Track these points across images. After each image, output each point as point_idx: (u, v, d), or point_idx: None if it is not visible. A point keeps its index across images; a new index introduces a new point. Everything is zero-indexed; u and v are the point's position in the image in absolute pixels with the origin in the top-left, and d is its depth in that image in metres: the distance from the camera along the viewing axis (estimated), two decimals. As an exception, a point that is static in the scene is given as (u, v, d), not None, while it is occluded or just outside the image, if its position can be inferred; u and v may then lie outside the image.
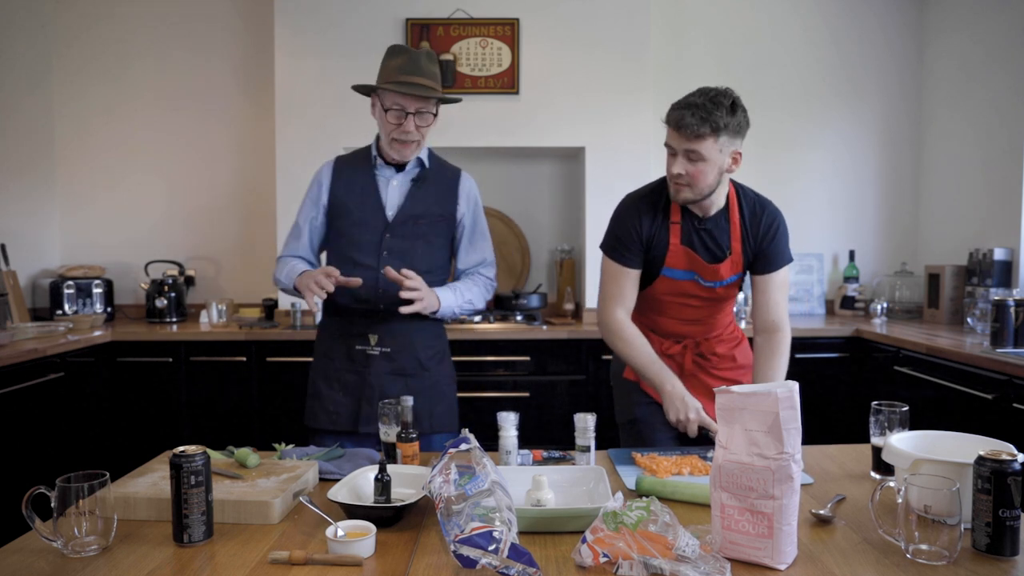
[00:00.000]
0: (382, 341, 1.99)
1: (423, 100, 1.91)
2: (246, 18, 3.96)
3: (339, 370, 2.01)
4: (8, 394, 2.69)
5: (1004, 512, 1.13)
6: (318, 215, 2.05)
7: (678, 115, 1.72)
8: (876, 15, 4.01)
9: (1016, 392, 2.44)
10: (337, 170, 2.05)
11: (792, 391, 1.14)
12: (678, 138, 1.74)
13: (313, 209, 2.05)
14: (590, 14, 3.62)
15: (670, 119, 1.74)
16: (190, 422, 3.40)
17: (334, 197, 2.03)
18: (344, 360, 2.01)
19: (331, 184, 2.03)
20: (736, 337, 2.07)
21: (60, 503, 1.17)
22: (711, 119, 1.69)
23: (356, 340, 2.00)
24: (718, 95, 1.72)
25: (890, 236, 4.10)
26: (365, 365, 1.99)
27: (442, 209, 2.04)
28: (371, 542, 1.18)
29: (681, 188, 1.78)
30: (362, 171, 2.03)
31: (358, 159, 2.06)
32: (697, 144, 1.71)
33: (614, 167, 3.64)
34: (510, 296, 3.70)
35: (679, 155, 1.75)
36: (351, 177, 2.03)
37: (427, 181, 2.03)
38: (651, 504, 1.13)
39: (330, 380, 2.02)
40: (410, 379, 2.01)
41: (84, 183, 3.99)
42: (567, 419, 1.70)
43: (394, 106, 1.90)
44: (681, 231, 1.87)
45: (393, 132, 1.93)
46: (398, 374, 2.00)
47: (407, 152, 1.96)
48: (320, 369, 2.05)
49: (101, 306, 3.77)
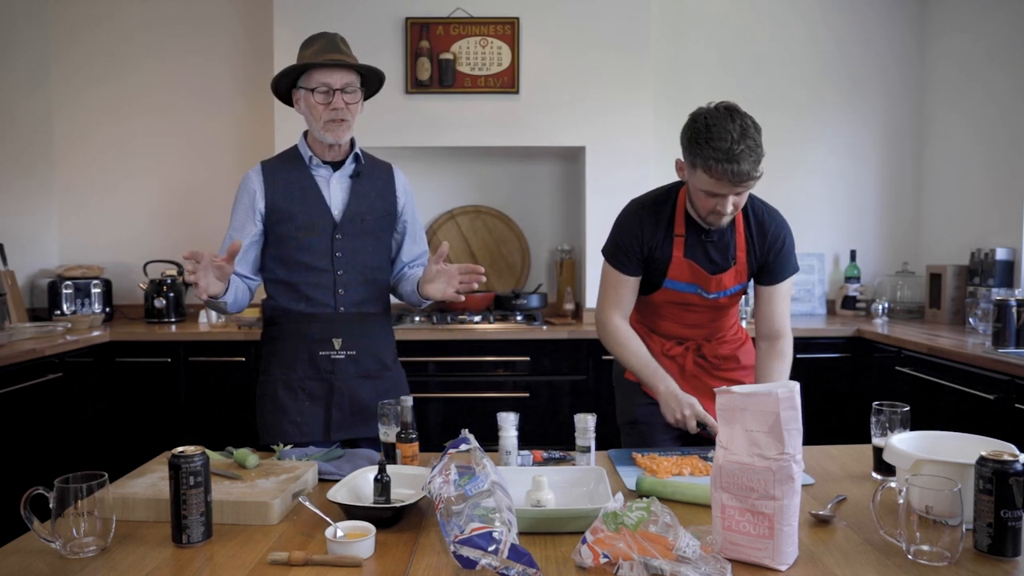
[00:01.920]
0: (346, 344, 1.94)
1: (348, 73, 1.89)
2: (245, 18, 3.96)
3: (302, 379, 1.93)
4: (6, 394, 2.69)
5: (1006, 513, 1.13)
6: (256, 224, 1.93)
7: (735, 168, 1.61)
8: (877, 15, 4.00)
9: (1018, 392, 2.44)
10: (268, 175, 1.95)
11: (793, 391, 1.14)
12: (730, 186, 1.66)
13: (249, 221, 1.93)
14: (590, 13, 3.62)
15: (722, 173, 1.62)
16: (189, 422, 3.40)
17: (272, 203, 1.92)
18: (307, 368, 1.93)
19: (265, 190, 1.93)
20: (739, 338, 2.06)
21: (58, 504, 1.16)
22: (760, 154, 1.64)
23: (318, 346, 1.93)
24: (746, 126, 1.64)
25: (891, 236, 4.09)
26: (331, 371, 1.93)
27: (384, 204, 2.02)
28: (371, 543, 1.18)
29: (725, 217, 1.74)
30: (298, 173, 1.95)
31: (289, 161, 1.98)
32: (750, 184, 1.67)
33: (614, 167, 3.64)
34: (510, 296, 3.69)
35: (726, 197, 1.69)
36: (287, 180, 1.94)
37: (365, 177, 2.00)
38: (651, 505, 1.13)
39: (294, 390, 1.92)
40: (376, 380, 1.98)
41: (83, 183, 3.99)
42: (567, 419, 1.69)
43: (320, 86, 1.88)
44: (685, 244, 1.85)
45: (324, 113, 1.89)
46: (364, 376, 1.96)
47: (341, 132, 1.91)
48: (279, 381, 1.94)
49: (100, 306, 3.76)
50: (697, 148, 1.66)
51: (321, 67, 1.87)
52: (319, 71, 1.88)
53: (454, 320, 3.56)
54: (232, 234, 1.95)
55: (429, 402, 3.32)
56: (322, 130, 1.91)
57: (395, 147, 3.60)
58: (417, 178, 3.94)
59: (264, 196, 1.93)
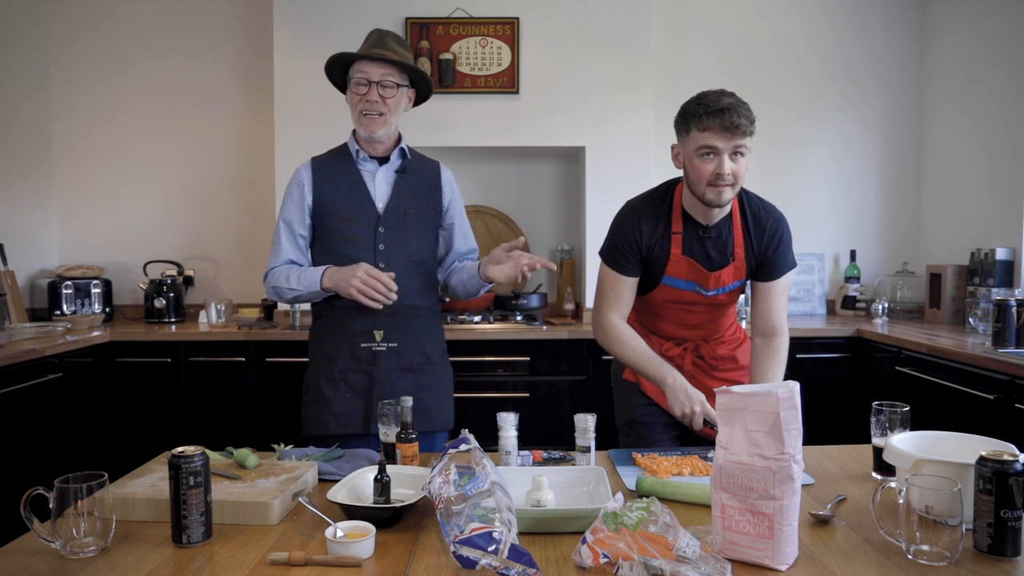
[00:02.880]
0: (388, 336, 1.97)
1: (387, 67, 1.92)
2: (244, 18, 3.96)
3: (344, 371, 1.96)
4: (6, 395, 2.69)
5: (1006, 513, 1.13)
6: (305, 217, 2.01)
7: (725, 117, 1.68)
8: (877, 15, 4.00)
9: (1018, 392, 2.44)
10: (316, 170, 2.01)
11: (793, 391, 1.14)
12: (728, 137, 1.69)
13: (299, 213, 2.00)
14: (590, 13, 3.62)
15: (713, 122, 1.68)
16: (189, 423, 3.40)
17: (319, 196, 1.99)
18: (348, 360, 1.97)
19: (313, 184, 1.99)
20: (738, 338, 2.06)
21: (58, 504, 1.16)
22: (751, 114, 1.71)
23: (360, 338, 1.96)
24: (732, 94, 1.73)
25: (891, 236, 4.09)
26: (372, 363, 1.96)
27: (429, 199, 2.05)
28: (370, 543, 1.18)
29: (725, 189, 1.73)
30: (344, 167, 2.01)
31: (337, 156, 2.04)
32: (747, 140, 1.72)
33: (614, 167, 3.64)
34: (510, 296, 3.69)
35: (725, 155, 1.71)
36: (333, 174, 2.00)
37: (411, 172, 2.04)
38: (651, 505, 1.13)
39: (335, 382, 1.96)
40: (417, 374, 2.00)
41: (83, 183, 3.99)
42: (567, 420, 1.69)
43: (359, 76, 1.92)
44: (683, 241, 1.85)
45: (359, 105, 1.93)
46: (406, 369, 1.99)
47: (375, 127, 1.93)
48: (321, 372, 1.98)
49: (100, 306, 3.77)
50: (688, 112, 1.75)
51: (362, 59, 1.92)
52: (361, 63, 1.93)
53: (454, 320, 3.56)
54: (285, 225, 2.01)
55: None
56: (357, 124, 1.96)
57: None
58: (417, 178, 3.95)
59: (312, 190, 1.99)
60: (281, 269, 1.99)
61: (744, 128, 1.69)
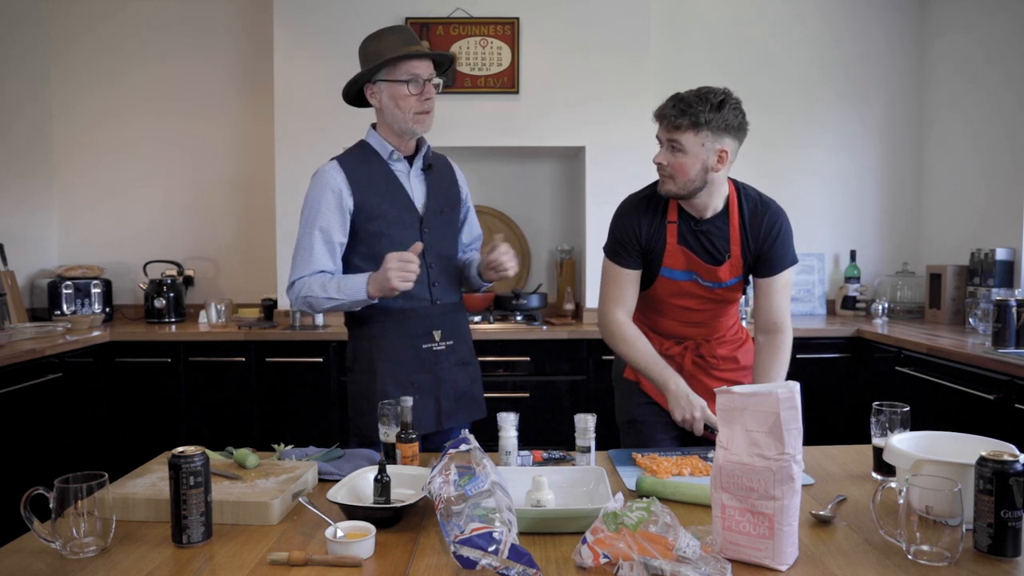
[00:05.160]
0: (445, 335, 1.98)
1: (430, 64, 1.91)
2: (245, 19, 3.96)
3: (411, 373, 1.92)
4: (6, 395, 2.69)
5: (1006, 513, 1.13)
6: (345, 224, 1.90)
7: (663, 106, 1.77)
8: (877, 15, 4.01)
9: (1018, 392, 2.44)
10: (350, 172, 1.90)
11: (793, 392, 1.14)
12: (661, 128, 1.79)
13: (339, 218, 1.88)
14: (590, 14, 3.62)
15: (656, 110, 1.80)
16: (189, 422, 3.40)
17: (362, 200, 1.89)
18: (413, 362, 1.93)
19: (352, 188, 1.89)
20: (740, 338, 2.06)
21: (59, 504, 1.16)
22: (691, 112, 1.72)
23: (422, 339, 1.94)
24: (708, 92, 1.74)
25: (891, 236, 4.09)
26: (435, 362, 1.96)
27: (453, 195, 2.07)
28: (370, 543, 1.18)
29: (665, 180, 1.81)
30: (378, 168, 1.94)
31: (368, 157, 1.95)
32: (677, 135, 1.74)
33: (614, 167, 3.64)
34: (510, 296, 3.69)
35: (664, 145, 1.79)
36: (370, 176, 1.92)
37: (434, 169, 2.04)
38: (651, 505, 1.13)
39: (404, 386, 1.91)
40: (468, 367, 2.04)
41: (83, 183, 3.99)
42: (567, 419, 1.69)
43: (411, 77, 1.87)
44: (678, 231, 1.86)
45: (416, 104, 1.88)
46: (461, 364, 2.01)
47: (430, 123, 1.92)
48: (388, 378, 1.91)
49: (100, 306, 3.77)
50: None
51: (409, 58, 1.87)
52: (407, 62, 1.88)
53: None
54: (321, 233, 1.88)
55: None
56: (411, 122, 1.90)
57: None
58: (417, 178, 3.95)
59: (352, 194, 1.89)
60: (315, 278, 1.87)
61: (672, 121, 1.74)
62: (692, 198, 1.81)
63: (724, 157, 1.76)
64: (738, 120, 1.76)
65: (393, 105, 1.90)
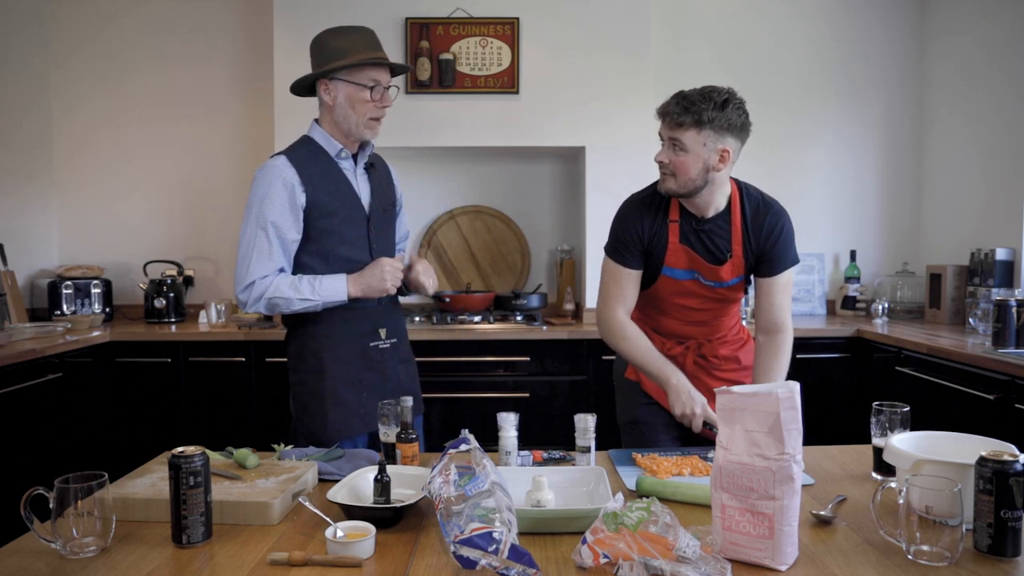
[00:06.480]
0: (389, 333, 2.01)
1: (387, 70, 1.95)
2: (245, 21, 3.96)
3: (359, 371, 1.94)
4: (6, 395, 2.69)
5: (1006, 513, 1.13)
6: (298, 221, 1.87)
7: (666, 104, 1.78)
8: (877, 16, 4.00)
9: (1018, 392, 2.44)
10: (301, 169, 1.88)
11: (793, 392, 1.14)
12: (663, 126, 1.79)
13: (291, 215, 1.85)
14: (590, 14, 3.62)
15: (659, 107, 1.80)
16: (189, 423, 3.40)
17: (313, 197, 1.87)
18: (360, 360, 1.94)
19: (303, 184, 1.86)
20: (741, 338, 2.06)
21: (58, 504, 1.16)
22: (694, 110, 1.72)
23: (368, 338, 1.96)
24: (712, 90, 1.74)
25: (891, 236, 4.09)
26: (381, 360, 1.98)
27: (392, 194, 2.11)
28: (370, 543, 1.18)
29: (666, 177, 1.81)
30: (327, 166, 1.92)
31: (315, 154, 1.93)
32: (679, 133, 1.75)
33: (614, 167, 3.64)
34: (510, 296, 3.69)
35: (665, 143, 1.79)
36: (320, 173, 1.90)
37: (375, 169, 2.06)
38: (652, 505, 1.13)
39: (352, 384, 1.92)
40: (408, 364, 2.08)
41: (83, 183, 3.99)
42: (567, 419, 1.69)
43: (373, 83, 1.90)
44: (679, 230, 1.86)
45: (371, 110, 1.91)
46: (402, 361, 2.05)
47: (378, 130, 1.95)
48: (338, 377, 1.92)
49: (100, 306, 3.76)
50: None
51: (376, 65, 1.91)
52: (373, 67, 1.91)
53: (454, 320, 3.56)
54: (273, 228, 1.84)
55: (429, 402, 3.30)
56: (363, 127, 1.92)
57: (395, 147, 3.60)
58: (417, 178, 3.95)
59: (304, 190, 1.87)
60: (281, 279, 1.84)
61: (674, 119, 1.74)
62: (693, 197, 1.81)
63: (726, 157, 1.76)
64: (741, 120, 1.75)
65: (348, 106, 1.91)
